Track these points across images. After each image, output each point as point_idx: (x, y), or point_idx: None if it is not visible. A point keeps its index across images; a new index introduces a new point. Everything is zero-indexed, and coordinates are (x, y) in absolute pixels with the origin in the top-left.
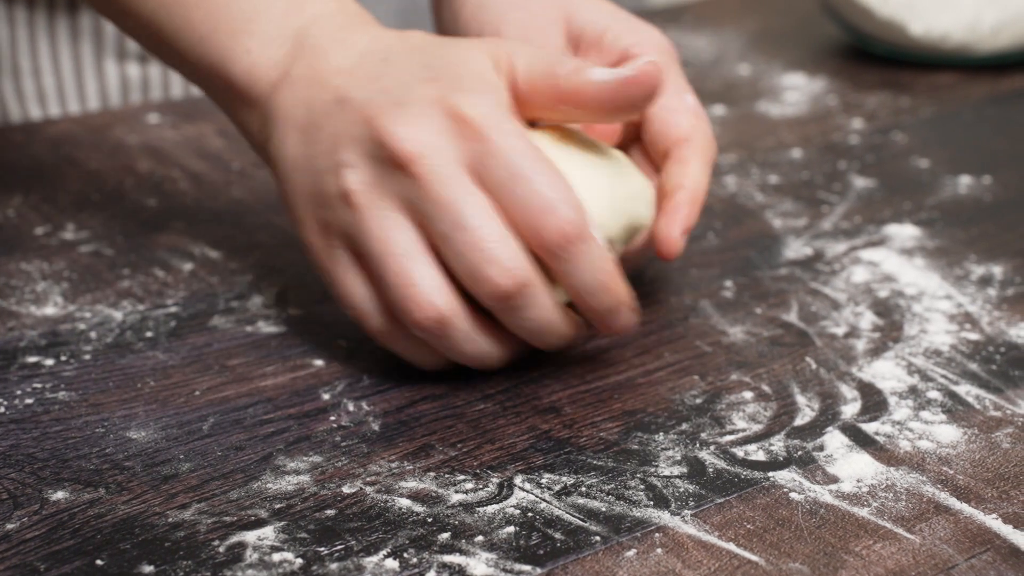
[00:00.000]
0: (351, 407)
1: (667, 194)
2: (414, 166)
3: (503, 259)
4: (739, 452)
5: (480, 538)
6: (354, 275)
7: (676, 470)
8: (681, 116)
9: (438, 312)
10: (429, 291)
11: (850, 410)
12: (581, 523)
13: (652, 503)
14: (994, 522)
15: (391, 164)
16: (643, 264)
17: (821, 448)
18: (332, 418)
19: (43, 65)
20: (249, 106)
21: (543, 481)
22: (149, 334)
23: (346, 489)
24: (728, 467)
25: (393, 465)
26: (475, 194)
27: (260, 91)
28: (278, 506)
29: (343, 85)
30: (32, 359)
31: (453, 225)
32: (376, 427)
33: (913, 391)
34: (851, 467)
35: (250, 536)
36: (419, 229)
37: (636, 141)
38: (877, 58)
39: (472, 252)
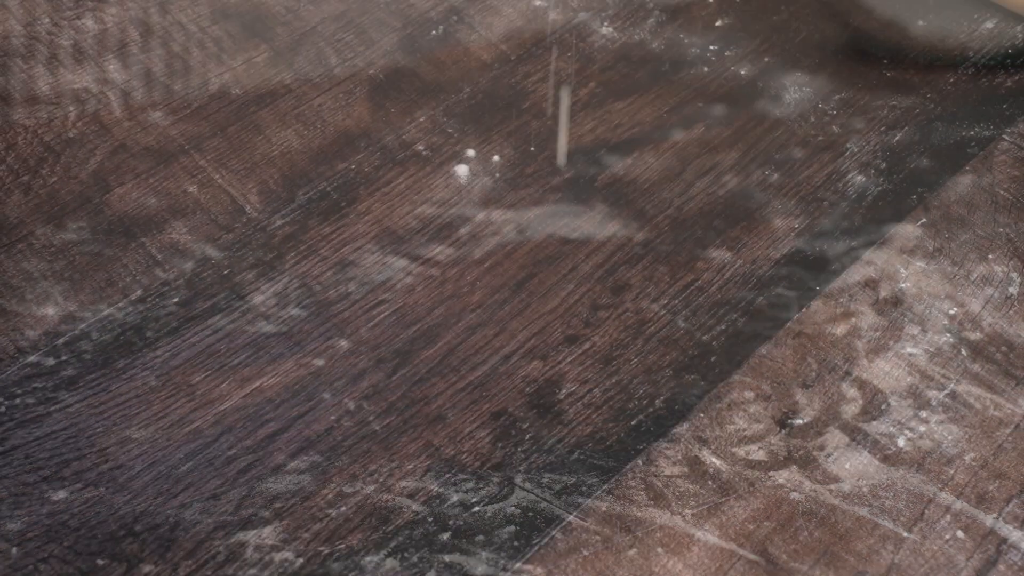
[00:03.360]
0: (352, 407)
1: None
2: None
3: None
4: (740, 451)
5: (480, 537)
6: None
7: (676, 470)
8: None
9: None
10: None
11: (850, 410)
12: (581, 523)
13: (652, 503)
14: (994, 521)
15: None
16: None
17: (821, 447)
18: (333, 418)
19: None
20: None
21: (544, 480)
22: (149, 334)
23: (347, 488)
24: (729, 466)
25: (394, 465)
26: None
27: None
28: (278, 505)
29: None
30: (33, 358)
31: None
32: (377, 427)
33: (913, 391)
34: (851, 466)
35: (251, 535)
36: None
37: None
38: (877, 58)
39: None
